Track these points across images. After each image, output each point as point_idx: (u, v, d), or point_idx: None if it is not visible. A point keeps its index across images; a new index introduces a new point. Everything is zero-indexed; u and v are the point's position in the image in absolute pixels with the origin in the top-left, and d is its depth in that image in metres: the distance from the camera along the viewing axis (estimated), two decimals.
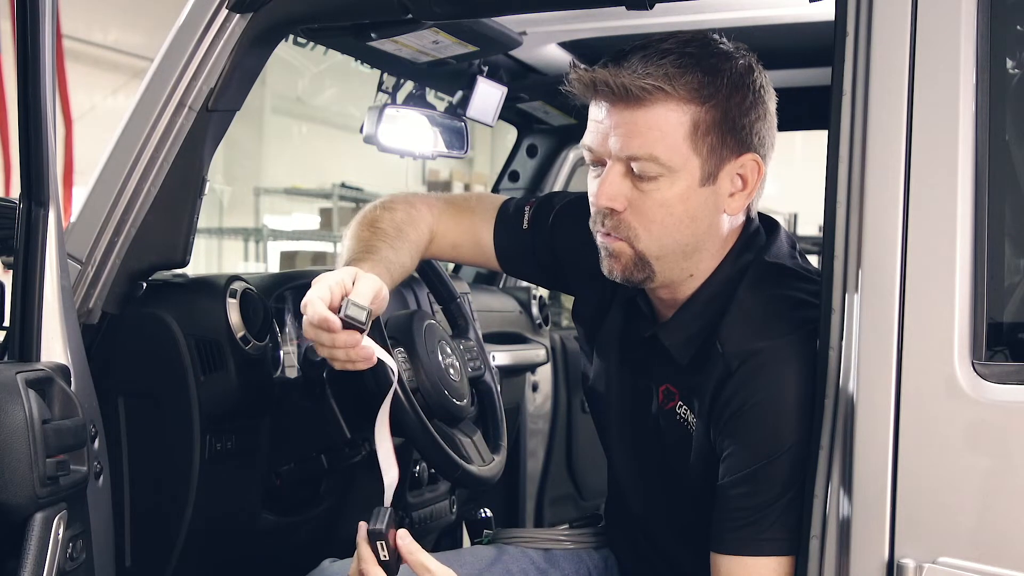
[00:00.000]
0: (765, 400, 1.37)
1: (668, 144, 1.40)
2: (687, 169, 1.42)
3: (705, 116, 1.41)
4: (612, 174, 1.43)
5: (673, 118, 1.40)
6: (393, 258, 1.62)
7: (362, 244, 1.63)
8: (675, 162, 1.41)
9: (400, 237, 1.68)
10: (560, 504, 3.10)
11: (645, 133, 1.40)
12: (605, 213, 1.45)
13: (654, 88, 1.38)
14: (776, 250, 1.53)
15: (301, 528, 2.01)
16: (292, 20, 1.73)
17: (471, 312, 2.02)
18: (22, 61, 1.27)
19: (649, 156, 1.40)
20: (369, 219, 1.70)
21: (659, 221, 1.44)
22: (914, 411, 1.22)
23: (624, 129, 1.41)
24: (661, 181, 1.42)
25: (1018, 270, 1.34)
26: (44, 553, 1.24)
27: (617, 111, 1.41)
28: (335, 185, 8.08)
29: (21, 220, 1.30)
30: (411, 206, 1.75)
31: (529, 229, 1.75)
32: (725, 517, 1.39)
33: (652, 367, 1.58)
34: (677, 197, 1.43)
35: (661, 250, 1.46)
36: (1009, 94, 1.30)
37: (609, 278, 1.51)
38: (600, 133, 1.44)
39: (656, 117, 1.40)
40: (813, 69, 2.24)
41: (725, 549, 1.39)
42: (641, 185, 1.42)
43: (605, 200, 1.44)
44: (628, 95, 1.39)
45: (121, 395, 1.75)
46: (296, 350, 2.05)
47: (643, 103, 1.39)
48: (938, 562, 1.19)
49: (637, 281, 1.49)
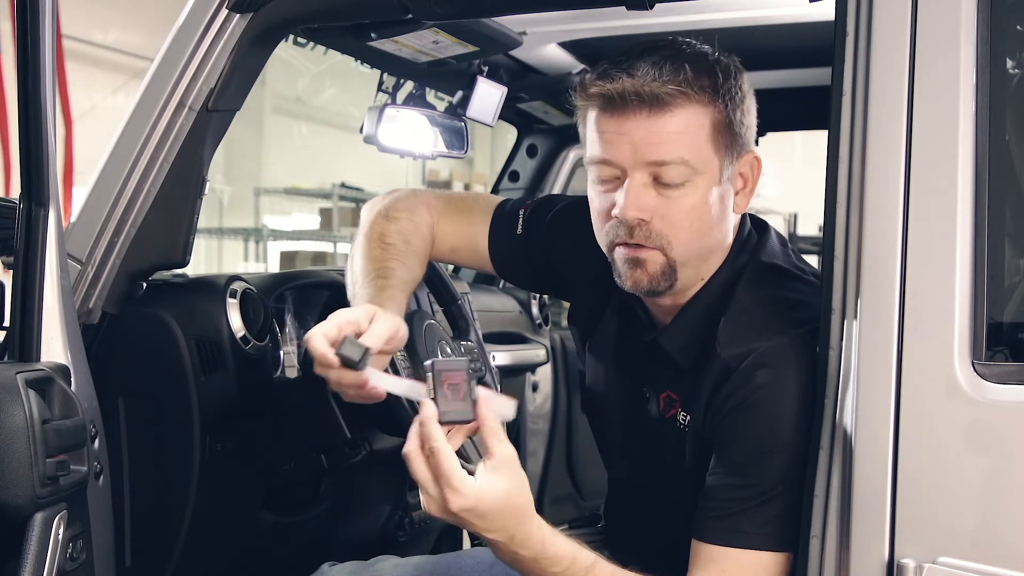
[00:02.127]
0: (762, 397, 1.37)
1: (696, 147, 1.41)
2: (710, 171, 1.43)
3: (718, 116, 1.42)
4: (636, 184, 1.41)
5: (695, 121, 1.41)
6: (407, 276, 1.64)
7: (376, 265, 1.63)
8: (701, 164, 1.41)
9: (409, 251, 1.69)
10: (560, 504, 3.10)
11: (675, 138, 1.40)
12: (633, 225, 1.43)
13: (679, 92, 1.39)
14: (770, 250, 1.54)
15: (301, 528, 2.01)
16: (292, 20, 1.73)
17: (471, 313, 2.02)
18: (22, 61, 1.27)
19: (679, 160, 1.40)
20: (378, 233, 1.70)
21: (688, 226, 1.43)
22: (914, 411, 1.22)
23: (653, 136, 1.40)
24: (688, 186, 1.41)
25: (1018, 270, 1.34)
26: (44, 553, 1.24)
27: (641, 119, 1.40)
28: (335, 185, 8.08)
29: (21, 220, 1.30)
30: (413, 211, 1.75)
31: (524, 234, 1.76)
32: (710, 506, 1.40)
33: (651, 373, 1.58)
34: (703, 200, 1.43)
35: (689, 255, 1.45)
36: (1009, 94, 1.30)
37: (630, 290, 1.48)
38: (620, 144, 1.41)
39: (682, 121, 1.40)
40: (813, 69, 2.24)
41: (706, 537, 1.39)
42: (667, 192, 1.41)
43: (634, 212, 1.41)
44: (657, 101, 1.38)
45: (121, 395, 1.75)
46: (296, 350, 2.05)
47: (669, 108, 1.39)
48: (938, 562, 1.19)
49: (661, 290, 1.48)
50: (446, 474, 1.22)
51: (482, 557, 1.71)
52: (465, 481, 1.22)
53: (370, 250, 1.67)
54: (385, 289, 1.58)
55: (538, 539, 1.28)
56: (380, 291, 1.57)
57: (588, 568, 1.31)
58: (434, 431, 1.23)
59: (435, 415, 1.24)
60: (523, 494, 1.26)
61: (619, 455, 1.69)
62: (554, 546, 1.29)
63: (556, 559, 1.29)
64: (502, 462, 1.25)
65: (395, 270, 1.63)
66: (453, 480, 1.22)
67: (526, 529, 1.27)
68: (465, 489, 1.22)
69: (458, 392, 1.25)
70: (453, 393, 1.25)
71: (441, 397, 1.24)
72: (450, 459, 1.23)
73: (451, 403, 1.25)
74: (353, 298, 1.61)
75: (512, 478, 1.25)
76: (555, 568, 1.29)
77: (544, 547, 1.28)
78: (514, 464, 1.26)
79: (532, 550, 1.27)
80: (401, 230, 1.71)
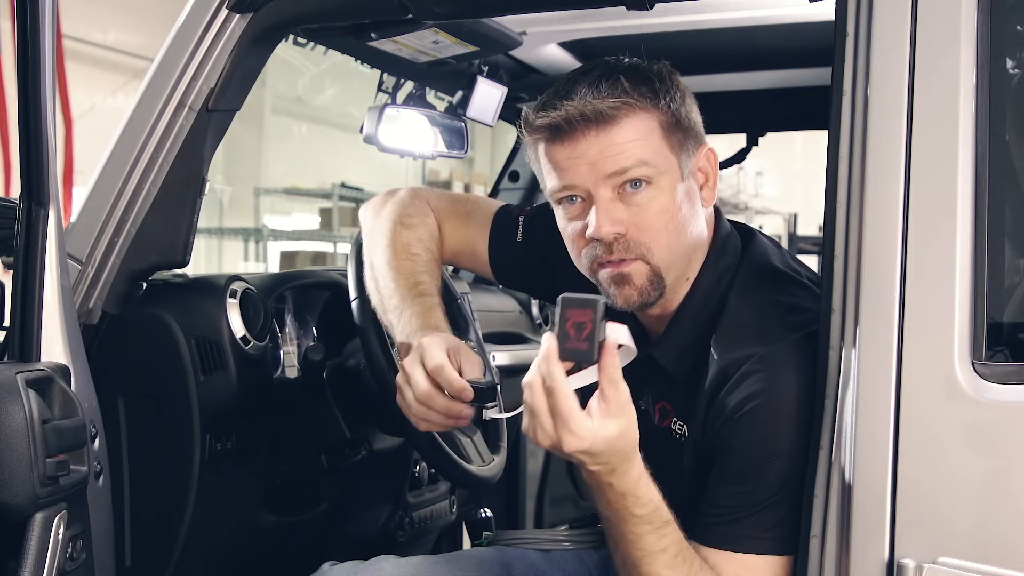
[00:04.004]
0: (762, 403, 1.37)
1: (651, 147, 1.44)
2: (670, 169, 1.45)
3: (664, 118, 1.45)
4: (604, 201, 1.43)
5: (644, 126, 1.44)
6: (437, 285, 1.70)
7: (411, 281, 1.67)
8: (661, 163, 1.44)
9: (431, 259, 1.73)
10: (560, 504, 3.10)
11: (628, 146, 1.42)
12: (610, 241, 1.44)
13: (622, 104, 1.42)
14: (761, 251, 1.54)
15: (301, 528, 2.01)
16: (292, 20, 1.73)
17: (471, 312, 2.02)
18: (22, 61, 1.27)
19: (639, 162, 1.42)
20: (403, 244, 1.72)
21: (664, 228, 1.44)
22: (914, 411, 1.21)
23: (607, 151, 1.42)
24: (653, 187, 1.43)
25: (1018, 270, 1.33)
26: (44, 553, 1.24)
27: (592, 137, 1.42)
28: (335, 185, 8.08)
29: (21, 220, 1.30)
30: (424, 216, 1.78)
31: (523, 241, 1.77)
32: (712, 511, 1.40)
33: (646, 385, 1.58)
34: (671, 199, 1.45)
35: (672, 257, 1.46)
36: (1009, 94, 1.30)
37: (622, 309, 1.49)
38: (578, 167, 1.44)
39: (631, 130, 1.43)
40: (813, 69, 2.24)
41: (708, 541, 1.39)
42: (635, 200, 1.43)
43: (608, 227, 1.43)
44: (603, 117, 1.41)
45: (121, 395, 1.75)
46: (296, 350, 2.05)
47: (616, 120, 1.42)
48: (938, 562, 1.19)
49: (652, 302, 1.48)
50: (564, 415, 1.23)
51: (482, 557, 1.71)
52: (583, 424, 1.23)
53: (400, 264, 1.69)
54: (433, 309, 1.63)
55: (634, 477, 1.29)
56: (429, 311, 1.61)
57: (666, 523, 1.32)
58: (554, 369, 1.23)
59: (556, 351, 1.23)
60: (632, 435, 1.27)
61: None
62: (646, 487, 1.30)
63: (643, 501, 1.30)
64: (616, 407, 1.24)
65: (428, 284, 1.67)
66: (571, 423, 1.22)
67: (626, 466, 1.28)
68: (582, 432, 1.23)
69: (582, 331, 1.22)
70: (577, 332, 1.22)
71: (563, 334, 1.23)
72: (569, 399, 1.23)
73: (574, 342, 1.23)
74: (388, 312, 1.64)
75: (624, 422, 1.25)
76: (638, 509, 1.30)
77: (637, 485, 1.29)
78: (627, 407, 1.26)
79: (625, 485, 1.28)
80: (421, 238, 1.74)
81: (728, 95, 2.44)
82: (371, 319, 1.68)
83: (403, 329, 1.59)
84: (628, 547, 1.32)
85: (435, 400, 1.47)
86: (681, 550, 1.33)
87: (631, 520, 1.30)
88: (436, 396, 1.47)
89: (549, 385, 1.23)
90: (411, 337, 1.56)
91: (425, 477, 2.30)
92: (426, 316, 1.60)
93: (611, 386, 1.24)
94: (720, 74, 2.37)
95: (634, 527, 1.31)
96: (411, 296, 1.63)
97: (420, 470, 2.28)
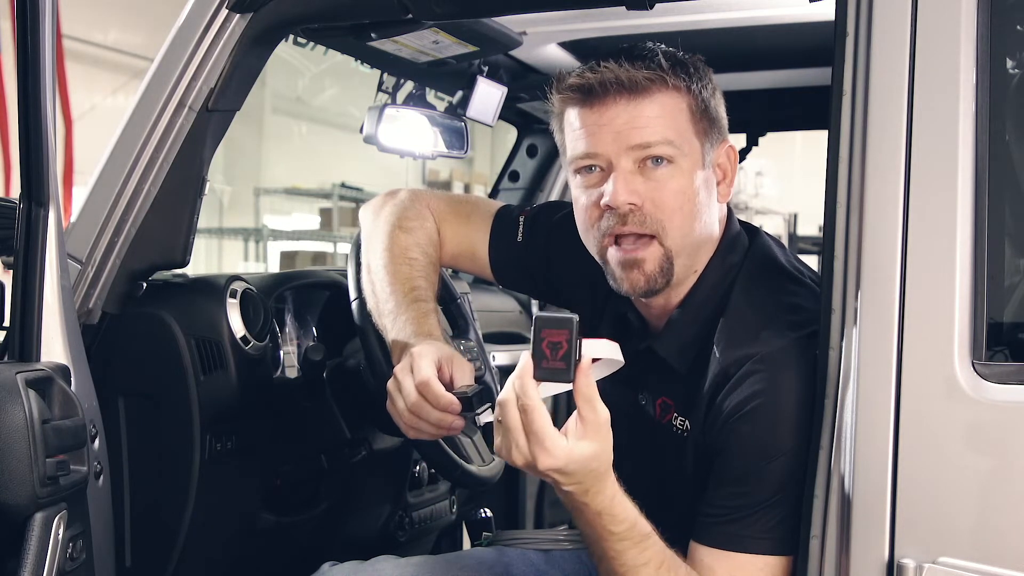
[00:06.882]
0: (763, 404, 1.37)
1: (677, 127, 1.45)
2: (692, 154, 1.46)
3: (694, 102, 1.47)
4: (624, 171, 1.44)
5: (674, 105, 1.45)
6: (433, 290, 1.70)
7: (407, 285, 1.67)
8: (684, 145, 1.45)
9: (429, 263, 1.73)
10: (560, 504, 3.07)
11: (656, 121, 1.44)
12: (625, 212, 1.44)
13: (657, 78, 1.44)
14: (765, 250, 1.55)
15: (301, 528, 2.01)
16: (292, 20, 1.73)
17: (471, 312, 2.02)
18: (22, 61, 1.27)
19: (663, 139, 1.43)
20: (401, 248, 1.72)
21: (680, 209, 1.45)
22: (914, 411, 1.21)
23: (635, 121, 1.43)
24: (673, 167, 1.44)
25: (1018, 270, 1.34)
26: (44, 553, 1.24)
27: (622, 105, 1.44)
28: (335, 185, 8.09)
29: (21, 220, 1.30)
30: (423, 219, 1.78)
31: (523, 242, 1.77)
32: (712, 512, 1.40)
33: (647, 380, 1.58)
34: (689, 182, 1.45)
35: (683, 241, 1.47)
36: (1009, 94, 1.30)
37: (626, 293, 1.49)
38: (603, 134, 1.44)
39: (661, 106, 1.44)
40: (813, 69, 2.24)
41: (708, 541, 1.39)
42: (654, 175, 1.44)
43: (625, 196, 1.43)
44: (636, 87, 1.43)
45: (121, 395, 1.75)
46: (296, 350, 2.05)
47: (648, 92, 1.44)
48: (938, 562, 1.19)
49: (658, 289, 1.48)
50: (538, 433, 1.22)
51: (482, 557, 1.71)
52: (557, 443, 1.22)
53: (397, 268, 1.69)
54: (428, 315, 1.63)
55: (608, 496, 1.29)
56: (424, 317, 1.61)
57: (645, 536, 1.32)
58: (528, 387, 1.22)
59: (531, 370, 1.22)
60: (607, 456, 1.26)
61: (619, 460, 1.68)
62: (621, 506, 1.30)
63: (619, 519, 1.30)
64: (592, 428, 1.24)
65: (424, 289, 1.68)
66: (546, 441, 1.22)
67: (599, 486, 1.28)
68: (556, 451, 1.22)
69: (558, 351, 1.21)
70: (552, 352, 1.20)
71: (538, 354, 1.21)
72: (543, 418, 1.23)
73: (548, 362, 1.21)
74: (383, 316, 1.64)
75: (600, 442, 1.25)
76: (615, 527, 1.30)
77: (612, 504, 1.29)
78: (603, 429, 1.25)
79: (600, 505, 1.29)
80: (419, 242, 1.74)
81: (728, 95, 2.43)
82: (371, 319, 1.68)
83: (397, 335, 1.60)
84: (610, 563, 1.33)
85: (425, 411, 1.47)
86: (664, 560, 1.33)
87: (610, 538, 1.31)
88: (425, 407, 1.46)
89: (523, 403, 1.22)
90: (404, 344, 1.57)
91: (425, 477, 2.31)
92: (420, 322, 1.60)
93: (587, 405, 1.23)
94: (720, 74, 2.36)
95: (613, 544, 1.31)
96: (406, 302, 1.63)
97: (420, 470, 2.29)
